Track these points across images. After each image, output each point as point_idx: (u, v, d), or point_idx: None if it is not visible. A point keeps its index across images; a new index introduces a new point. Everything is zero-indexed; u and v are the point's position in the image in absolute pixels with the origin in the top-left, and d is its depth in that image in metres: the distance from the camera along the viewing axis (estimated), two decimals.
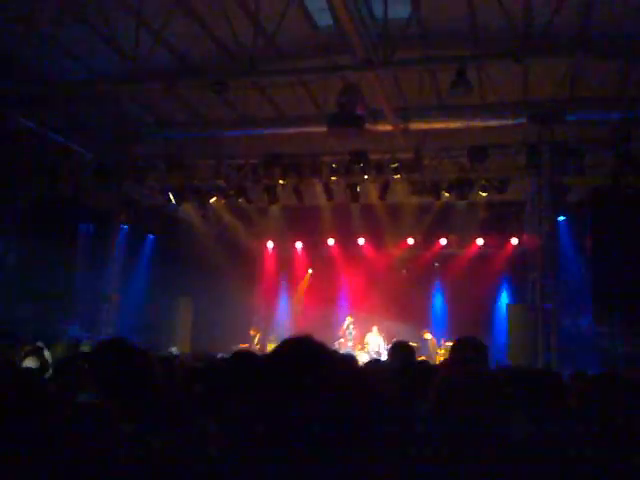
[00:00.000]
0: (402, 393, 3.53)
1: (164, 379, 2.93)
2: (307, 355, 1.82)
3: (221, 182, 14.05)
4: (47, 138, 12.44)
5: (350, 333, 16.06)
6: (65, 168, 13.53)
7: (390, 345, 4.85)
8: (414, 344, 14.98)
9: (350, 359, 4.41)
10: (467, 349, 3.93)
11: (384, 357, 14.44)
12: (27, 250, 13.06)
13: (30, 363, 5.17)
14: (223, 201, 14.72)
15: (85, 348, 6.79)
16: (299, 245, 18.27)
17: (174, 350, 12.78)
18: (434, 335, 15.52)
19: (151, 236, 16.35)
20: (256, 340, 16.39)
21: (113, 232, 15.29)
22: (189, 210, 15.96)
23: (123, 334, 14.04)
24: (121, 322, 14.84)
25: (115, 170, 13.71)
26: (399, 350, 4.62)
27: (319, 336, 1.96)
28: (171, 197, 14.31)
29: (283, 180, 13.51)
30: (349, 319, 16.19)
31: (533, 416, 3.21)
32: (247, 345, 15.40)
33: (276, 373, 1.78)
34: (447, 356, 8.46)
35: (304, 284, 18.58)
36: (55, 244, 13.07)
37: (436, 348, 14.93)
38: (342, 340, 15.87)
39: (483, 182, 12.89)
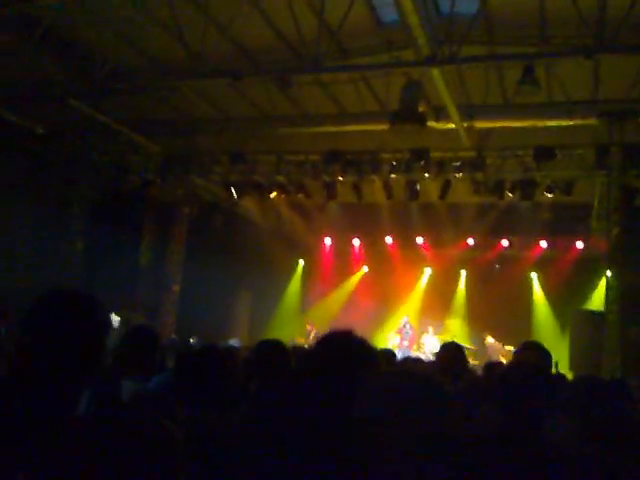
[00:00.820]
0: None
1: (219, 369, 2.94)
2: (347, 350, 1.81)
3: (281, 178, 14.18)
4: (115, 131, 12.85)
5: (407, 332, 15.96)
6: (132, 160, 13.97)
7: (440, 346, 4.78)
8: (472, 347, 14.84)
9: (391, 355, 4.37)
10: (532, 354, 3.83)
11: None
12: (94, 240, 13.57)
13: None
14: (283, 196, 14.84)
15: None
16: (356, 242, 18.25)
17: (234, 342, 12.99)
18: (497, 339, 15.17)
19: (213, 229, 16.66)
20: (312, 335, 16.46)
21: (176, 224, 15.66)
22: (250, 205, 16.17)
23: (184, 325, 14.41)
24: (182, 312, 15.20)
25: (180, 163, 14.04)
26: (447, 351, 4.54)
27: (372, 334, 1.95)
28: (233, 191, 14.54)
29: (343, 177, 13.52)
30: (406, 318, 16.08)
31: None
32: (303, 340, 15.50)
33: (313, 365, 1.79)
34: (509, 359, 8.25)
35: (355, 280, 18.52)
36: (121, 235, 13.53)
37: (500, 352, 14.53)
38: (398, 339, 15.78)
39: (549, 183, 12.54)
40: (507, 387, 2.74)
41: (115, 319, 8.49)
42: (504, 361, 13.30)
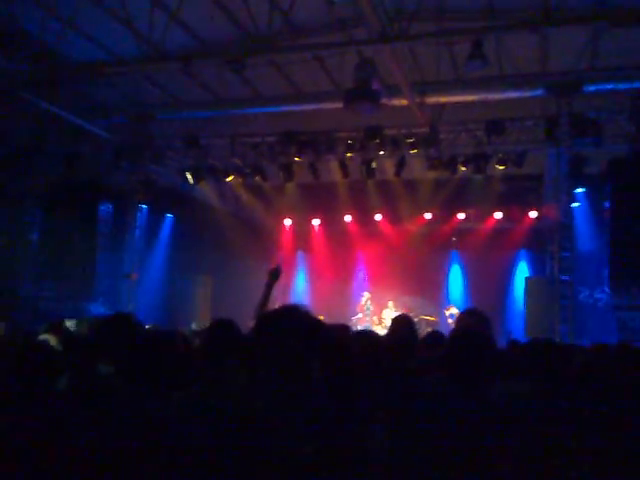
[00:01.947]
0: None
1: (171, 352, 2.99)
2: (293, 323, 1.91)
3: (237, 161, 14.10)
4: (65, 120, 12.54)
5: (368, 309, 16.20)
6: (84, 149, 13.67)
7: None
8: (433, 318, 15.19)
9: (343, 329, 4.47)
10: (471, 320, 4.00)
11: None
12: (49, 231, 13.30)
13: (47, 338, 5.29)
14: (240, 179, 14.78)
15: None
16: (316, 222, 18.33)
17: (194, 326, 12.97)
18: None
19: (169, 215, 16.49)
20: None
21: (132, 212, 15.43)
22: (206, 189, 16.05)
23: (143, 311, 14.29)
24: (142, 299, 15.06)
25: (133, 150, 13.81)
26: (398, 324, 4.65)
27: (336, 312, 2.05)
28: (188, 176, 14.39)
29: (299, 157, 13.54)
30: (366, 295, 16.30)
31: (540, 388, 3.27)
32: None
33: (262, 340, 1.87)
34: None
35: (317, 259, 18.63)
36: (76, 224, 13.30)
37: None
38: (360, 316, 16.00)
39: (500, 155, 12.83)
40: (454, 356, 2.85)
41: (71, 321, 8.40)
42: None
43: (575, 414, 2.97)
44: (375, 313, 16.14)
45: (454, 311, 15.49)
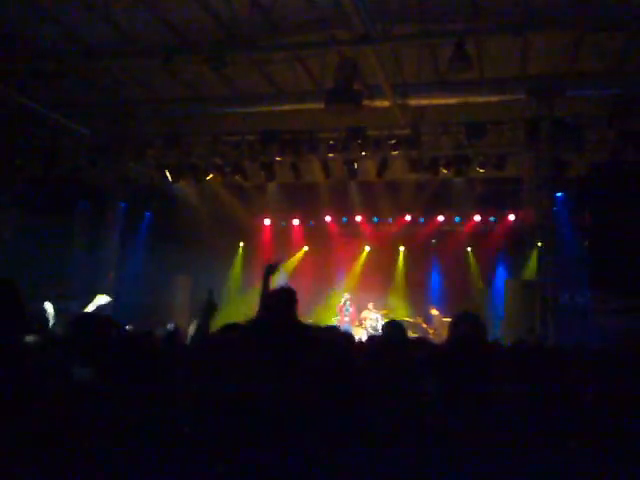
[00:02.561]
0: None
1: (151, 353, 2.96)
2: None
3: (218, 159, 13.98)
4: (43, 116, 12.34)
5: (347, 310, 16.14)
6: (62, 146, 13.47)
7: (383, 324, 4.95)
8: (416, 320, 15.17)
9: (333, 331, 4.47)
10: (466, 325, 3.95)
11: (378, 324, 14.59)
12: (25, 228, 13.07)
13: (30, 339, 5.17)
14: (220, 178, 14.65)
15: None
16: (296, 222, 18.26)
17: (171, 327, 12.81)
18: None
19: (148, 214, 16.31)
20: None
21: (110, 210, 15.24)
22: (186, 187, 15.90)
23: (122, 311, 14.12)
24: (119, 299, 14.88)
25: (112, 148, 13.63)
26: (388, 329, 4.66)
27: (316, 313, 2.00)
28: (168, 174, 14.24)
29: (280, 157, 13.45)
30: (346, 296, 16.25)
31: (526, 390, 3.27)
32: None
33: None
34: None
35: (296, 260, 18.57)
36: (53, 222, 13.07)
37: (444, 323, 14.90)
38: (339, 317, 15.95)
39: (481, 158, 12.85)
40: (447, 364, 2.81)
41: (49, 308, 8.25)
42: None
43: (562, 416, 2.96)
44: (354, 315, 16.10)
45: (434, 312, 15.50)
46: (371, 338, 6.26)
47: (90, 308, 6.54)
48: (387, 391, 3.03)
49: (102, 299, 6.60)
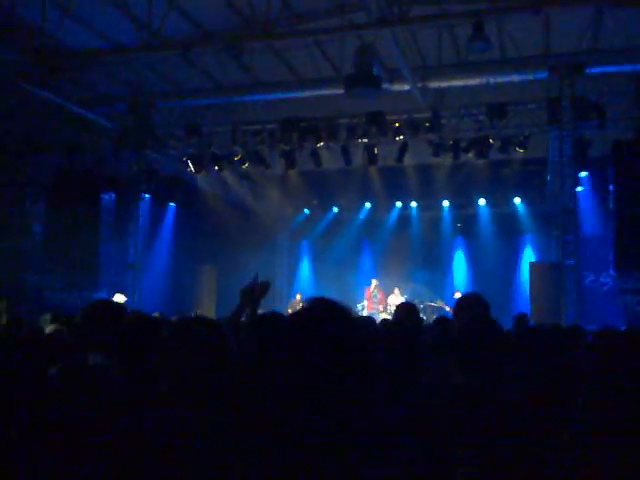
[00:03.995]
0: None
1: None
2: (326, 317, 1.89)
3: (238, 149, 14.05)
4: (66, 109, 12.51)
5: (375, 296, 16.13)
6: (85, 139, 13.65)
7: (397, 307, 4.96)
8: (439, 304, 15.14)
9: (370, 323, 4.51)
10: (473, 307, 3.96)
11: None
12: (52, 221, 13.31)
13: (53, 329, 5.29)
14: (241, 167, 14.72)
15: None
16: (319, 209, 18.29)
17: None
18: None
19: (172, 204, 16.47)
20: (300, 305, 16.31)
21: (134, 201, 15.42)
22: (209, 177, 16.01)
23: (148, 301, 14.33)
24: (146, 289, 15.09)
25: (134, 139, 13.78)
26: (402, 311, 4.68)
27: (341, 299, 2.02)
28: (190, 165, 14.36)
29: (301, 144, 13.46)
30: (374, 282, 16.22)
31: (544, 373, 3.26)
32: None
33: (297, 334, 1.85)
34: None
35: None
36: (78, 214, 13.29)
37: None
38: (366, 303, 15.96)
39: (503, 140, 12.71)
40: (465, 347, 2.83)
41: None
42: None
43: (581, 398, 2.95)
44: (381, 300, 16.10)
45: (459, 296, 15.45)
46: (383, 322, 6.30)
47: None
48: (394, 377, 3.06)
49: (118, 298, 6.74)
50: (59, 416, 2.37)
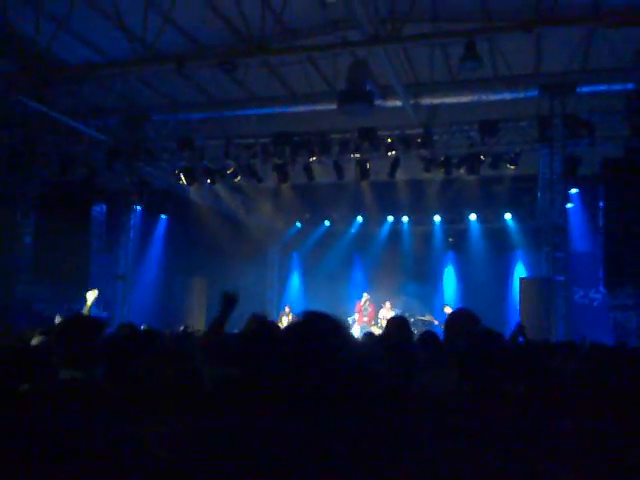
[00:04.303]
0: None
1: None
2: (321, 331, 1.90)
3: (231, 162, 14.07)
4: (59, 121, 12.50)
5: (366, 309, 16.12)
6: (78, 151, 13.64)
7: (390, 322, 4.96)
8: (429, 319, 15.16)
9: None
10: (462, 323, 3.97)
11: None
12: (43, 232, 13.26)
13: (38, 341, 5.24)
14: (233, 181, 14.74)
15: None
16: (311, 223, 18.32)
17: (181, 328, 12.87)
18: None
19: (164, 217, 16.46)
20: (290, 317, 16.21)
21: (126, 213, 15.40)
22: (201, 190, 16.02)
23: (137, 313, 14.26)
24: (136, 301, 15.04)
25: (127, 152, 13.78)
26: (392, 326, 4.68)
27: (332, 312, 2.03)
28: (182, 178, 14.36)
29: (293, 159, 13.51)
30: (365, 295, 16.22)
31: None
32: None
33: (291, 346, 1.86)
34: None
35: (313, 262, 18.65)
36: (69, 226, 13.24)
37: None
38: (357, 316, 15.96)
39: (494, 157, 12.82)
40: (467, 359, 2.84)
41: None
42: None
43: (572, 415, 2.98)
44: (371, 314, 16.11)
45: (448, 310, 15.47)
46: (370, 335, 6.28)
47: (86, 308, 6.67)
48: (384, 389, 3.07)
49: (92, 294, 6.72)
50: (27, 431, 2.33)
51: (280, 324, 15.51)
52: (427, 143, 12.67)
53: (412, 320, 14.47)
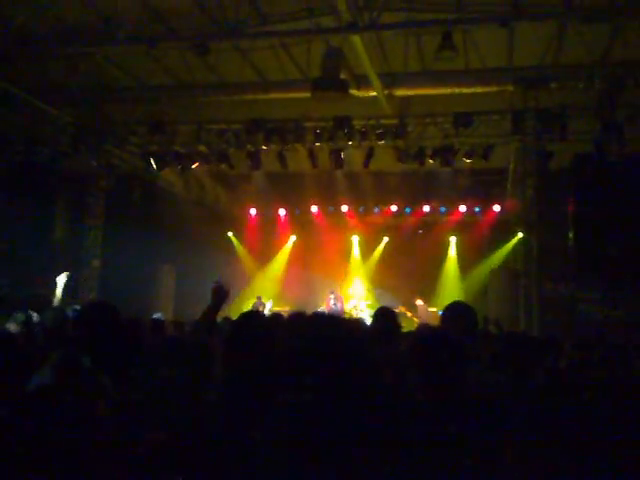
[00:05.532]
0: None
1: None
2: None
3: (202, 147, 13.85)
4: (25, 101, 12.12)
5: (335, 305, 16.05)
6: (43, 132, 13.26)
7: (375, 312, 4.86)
8: (396, 310, 15.17)
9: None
10: (457, 316, 3.91)
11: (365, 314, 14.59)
12: (6, 216, 12.87)
13: (12, 327, 5.09)
14: (205, 167, 14.53)
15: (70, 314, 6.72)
16: (282, 212, 18.19)
17: (159, 316, 12.70)
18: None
19: (132, 202, 16.14)
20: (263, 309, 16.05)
21: (93, 197, 15.08)
22: (170, 176, 15.76)
23: (105, 299, 14.00)
24: (103, 289, 14.77)
25: (94, 134, 13.46)
26: (382, 317, 4.60)
27: (304, 303, 2.00)
28: (152, 162, 14.09)
29: (266, 146, 13.35)
30: (331, 296, 16.10)
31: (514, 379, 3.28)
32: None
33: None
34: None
35: (286, 251, 18.57)
36: (33, 210, 12.89)
37: (428, 314, 14.85)
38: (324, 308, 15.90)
39: (467, 148, 12.84)
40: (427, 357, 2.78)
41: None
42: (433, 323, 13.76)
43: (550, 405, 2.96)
44: (342, 309, 16.04)
45: (419, 302, 15.50)
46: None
47: (59, 291, 6.51)
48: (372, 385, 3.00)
49: (62, 277, 6.58)
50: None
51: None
52: (401, 134, 12.62)
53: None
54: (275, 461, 1.72)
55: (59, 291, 6.55)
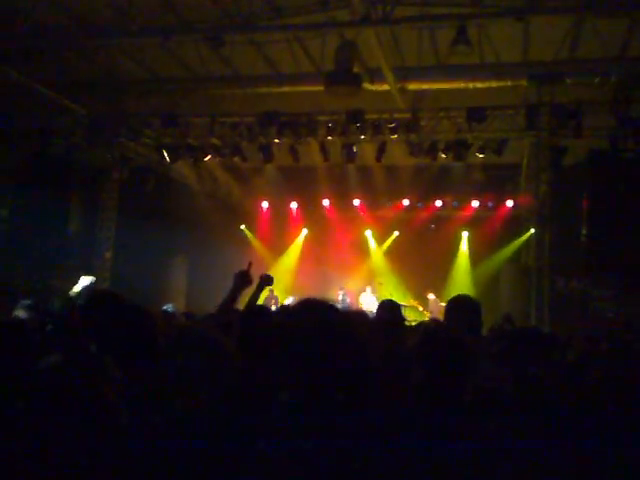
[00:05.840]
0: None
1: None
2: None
3: (215, 140, 13.88)
4: (40, 94, 12.20)
5: (345, 301, 16.05)
6: (58, 124, 13.36)
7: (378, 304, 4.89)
8: (407, 304, 15.18)
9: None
10: (461, 310, 3.92)
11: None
12: (21, 208, 12.99)
13: (21, 314, 5.13)
14: (218, 159, 14.56)
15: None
16: (294, 205, 18.20)
17: (170, 307, 12.77)
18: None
19: (146, 194, 16.20)
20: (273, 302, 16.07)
21: (107, 190, 15.17)
22: (183, 168, 15.81)
23: (118, 291, 14.09)
24: (115, 280, 14.87)
25: (109, 127, 13.53)
26: (385, 308, 4.63)
27: (315, 296, 2.03)
28: (165, 155, 14.14)
29: (279, 139, 13.35)
30: (341, 292, 16.11)
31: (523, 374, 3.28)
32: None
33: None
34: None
35: (298, 244, 18.59)
36: (49, 201, 12.99)
37: (440, 308, 14.84)
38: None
39: (480, 143, 12.77)
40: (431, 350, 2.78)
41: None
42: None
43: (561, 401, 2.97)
44: (353, 303, 16.03)
45: (431, 297, 15.48)
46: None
47: (77, 288, 6.53)
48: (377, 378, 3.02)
49: (86, 280, 6.59)
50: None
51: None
52: (413, 128, 12.56)
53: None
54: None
55: (78, 288, 6.57)
